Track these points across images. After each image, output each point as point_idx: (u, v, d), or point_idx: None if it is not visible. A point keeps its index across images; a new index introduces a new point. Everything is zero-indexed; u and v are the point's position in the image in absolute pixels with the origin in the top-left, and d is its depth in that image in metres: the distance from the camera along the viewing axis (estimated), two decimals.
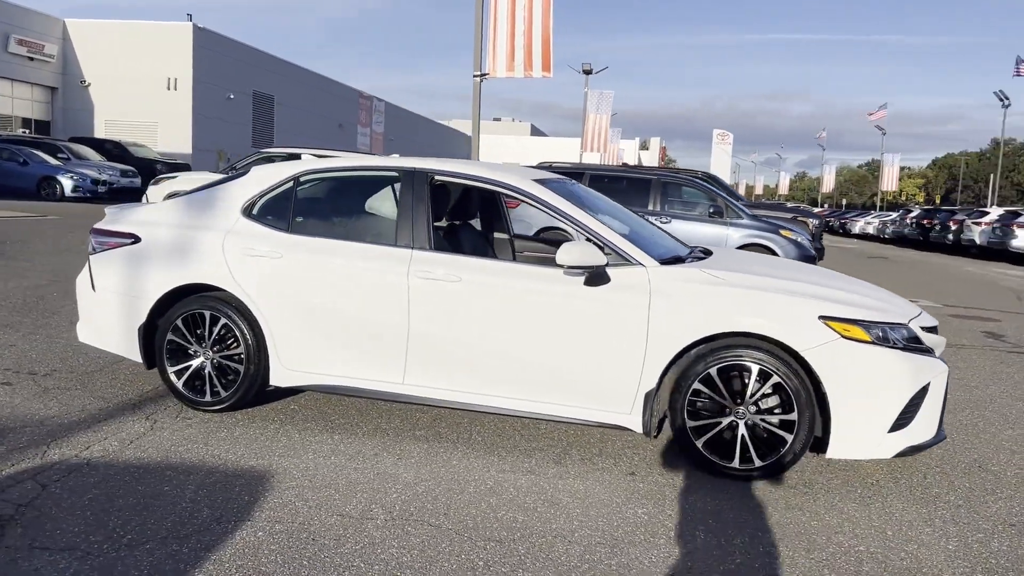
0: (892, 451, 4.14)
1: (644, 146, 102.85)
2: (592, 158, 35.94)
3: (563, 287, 4.41)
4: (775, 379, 4.14)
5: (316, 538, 3.39)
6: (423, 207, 4.75)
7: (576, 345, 4.38)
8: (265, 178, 5.09)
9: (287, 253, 4.80)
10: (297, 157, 14.91)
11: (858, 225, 49.28)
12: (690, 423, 4.28)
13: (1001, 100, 48.09)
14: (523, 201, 4.75)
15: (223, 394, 4.94)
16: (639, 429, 4.37)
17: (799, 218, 16.58)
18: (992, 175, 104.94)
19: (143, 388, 5.46)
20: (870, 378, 4.08)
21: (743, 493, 4.11)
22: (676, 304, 4.25)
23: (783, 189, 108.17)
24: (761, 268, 4.77)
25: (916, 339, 4.29)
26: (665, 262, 4.48)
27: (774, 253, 12.94)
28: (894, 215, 43.28)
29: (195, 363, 4.99)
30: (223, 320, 4.89)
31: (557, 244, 6.45)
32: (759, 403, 4.21)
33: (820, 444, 4.20)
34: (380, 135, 57.04)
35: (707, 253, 5.13)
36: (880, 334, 4.15)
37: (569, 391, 4.43)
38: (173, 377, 5.01)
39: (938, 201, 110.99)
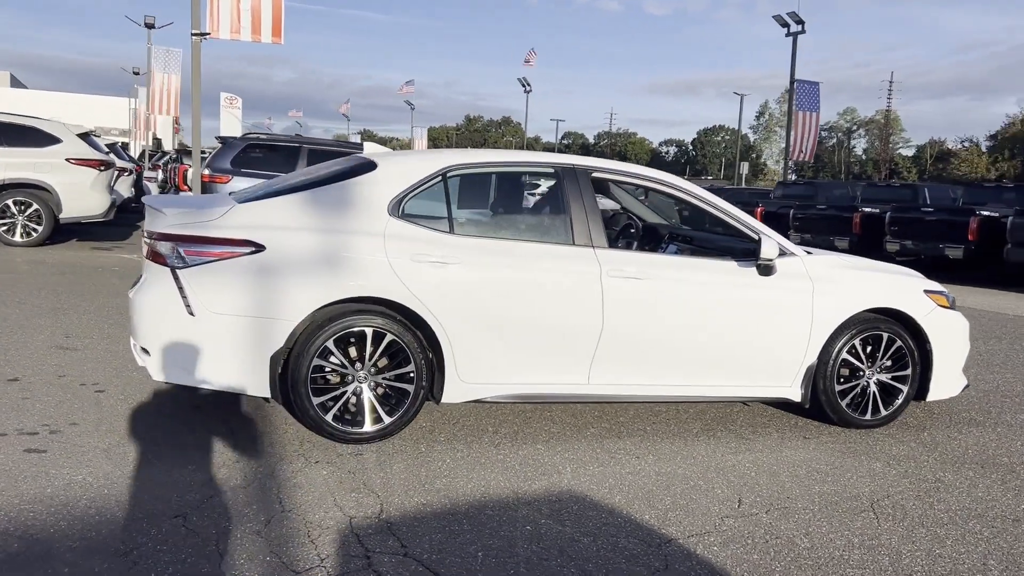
0: (958, 390, 5.42)
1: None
2: (164, 121, 32.60)
3: (741, 278, 4.82)
4: (897, 343, 5.12)
5: (766, 542, 3.48)
6: (594, 204, 4.71)
7: (754, 330, 4.83)
8: (406, 173, 4.50)
9: (465, 257, 4.37)
10: None
11: None
12: (837, 387, 5.05)
13: (524, 86, 55.50)
14: (678, 198, 4.99)
15: (386, 421, 4.34)
16: (798, 399, 5.01)
17: None
18: (467, 146, 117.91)
19: (208, 425, 4.47)
20: (952, 335, 5.28)
21: (899, 440, 5.01)
22: (833, 288, 4.96)
23: None
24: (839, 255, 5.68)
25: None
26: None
27: None
28: None
29: (350, 389, 4.29)
30: (389, 336, 4.28)
31: None
32: (880, 364, 5.15)
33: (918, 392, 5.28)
34: None
35: None
36: (952, 300, 5.38)
37: (743, 372, 4.88)
38: (318, 410, 4.24)
39: None
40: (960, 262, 16.04)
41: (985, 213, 16.17)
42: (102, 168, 12.63)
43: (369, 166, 4.54)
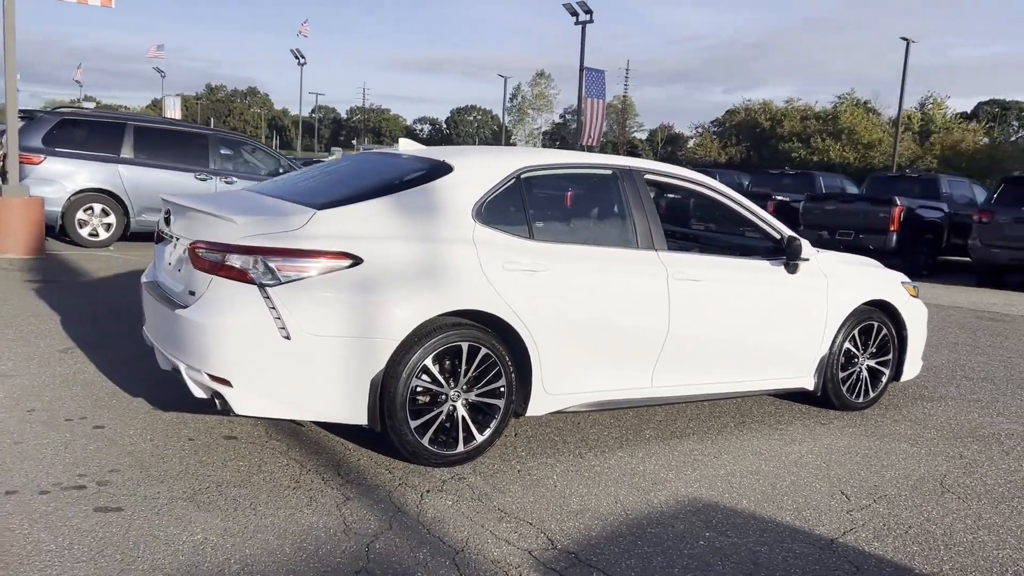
0: (919, 370, 6.04)
1: None
2: None
3: (773, 276, 5.04)
4: (883, 332, 5.61)
5: (907, 532, 3.71)
6: (653, 206, 4.71)
7: (787, 325, 5.08)
8: (485, 175, 4.23)
9: (552, 264, 4.22)
10: None
11: None
12: (840, 374, 5.45)
13: (297, 58, 53.06)
14: (713, 200, 5.08)
15: (478, 439, 4.11)
16: (811, 388, 5.34)
17: None
18: (210, 117, 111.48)
19: (271, 459, 4.00)
20: (920, 322, 5.87)
21: (892, 420, 5.49)
22: (842, 283, 5.32)
23: None
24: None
25: None
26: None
27: None
28: None
29: (444, 409, 4.00)
30: (484, 350, 4.04)
31: None
32: (869, 351, 5.62)
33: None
34: None
35: None
36: (917, 289, 5.96)
37: (776, 366, 5.12)
38: (416, 434, 3.91)
39: None
40: None
41: (780, 197, 17.92)
42: None
43: (445, 168, 4.22)
